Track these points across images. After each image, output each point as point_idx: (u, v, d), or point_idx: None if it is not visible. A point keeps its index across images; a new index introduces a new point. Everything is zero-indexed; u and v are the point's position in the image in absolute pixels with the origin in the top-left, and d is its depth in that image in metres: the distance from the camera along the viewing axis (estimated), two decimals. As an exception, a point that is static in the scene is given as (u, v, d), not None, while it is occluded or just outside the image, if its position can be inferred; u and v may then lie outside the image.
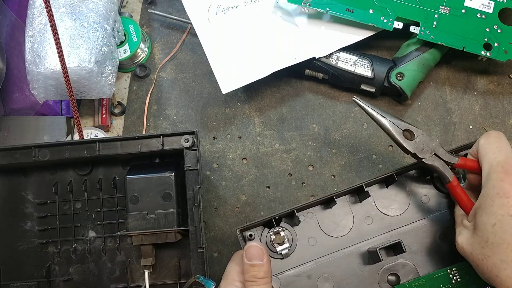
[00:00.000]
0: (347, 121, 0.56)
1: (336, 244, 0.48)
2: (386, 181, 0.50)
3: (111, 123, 0.58)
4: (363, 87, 0.54)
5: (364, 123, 0.56)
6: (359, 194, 0.49)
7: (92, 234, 0.50)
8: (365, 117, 0.56)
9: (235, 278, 0.43)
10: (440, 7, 0.51)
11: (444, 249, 0.48)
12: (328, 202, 0.49)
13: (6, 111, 0.57)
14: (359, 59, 0.53)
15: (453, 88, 0.56)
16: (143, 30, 0.60)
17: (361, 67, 0.53)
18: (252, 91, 0.58)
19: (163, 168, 0.47)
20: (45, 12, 0.47)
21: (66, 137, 0.56)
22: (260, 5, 0.55)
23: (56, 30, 0.47)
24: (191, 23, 0.56)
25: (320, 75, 0.55)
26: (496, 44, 0.50)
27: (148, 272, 0.47)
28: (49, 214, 0.50)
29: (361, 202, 0.49)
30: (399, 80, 0.52)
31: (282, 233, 0.47)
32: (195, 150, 0.46)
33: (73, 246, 0.50)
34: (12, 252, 0.49)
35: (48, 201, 0.50)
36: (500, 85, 0.56)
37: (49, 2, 0.46)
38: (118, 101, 0.58)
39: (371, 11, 0.52)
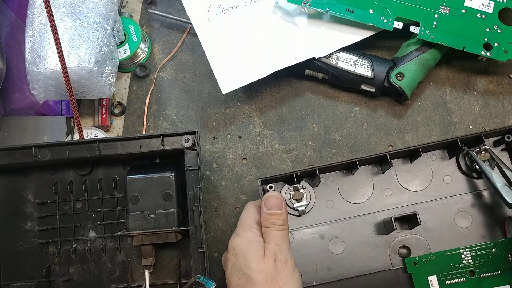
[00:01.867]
0: (347, 121, 0.56)
1: (353, 210, 0.49)
2: (410, 156, 0.50)
3: (111, 123, 0.58)
4: (363, 87, 0.54)
5: (364, 123, 0.56)
6: (382, 164, 0.50)
7: (92, 234, 0.50)
8: (365, 117, 0.56)
9: (252, 225, 0.44)
10: (440, 7, 0.51)
11: (460, 230, 0.48)
12: (350, 168, 0.50)
13: (6, 111, 0.57)
14: (359, 59, 0.53)
15: (453, 88, 0.56)
16: (143, 30, 0.60)
17: (361, 67, 0.53)
18: (252, 91, 0.58)
19: (163, 168, 0.47)
20: (45, 12, 0.47)
21: (66, 137, 0.56)
22: (260, 5, 0.55)
23: (56, 30, 0.47)
24: (191, 23, 0.56)
25: (320, 75, 0.55)
26: (496, 44, 0.50)
27: (148, 272, 0.47)
28: (49, 214, 0.50)
29: (383, 173, 0.50)
30: (399, 80, 0.52)
31: (301, 190, 0.48)
32: (196, 150, 0.46)
33: (73, 246, 0.50)
34: (12, 252, 0.49)
35: (48, 201, 0.50)
36: (500, 85, 0.56)
37: (49, 2, 0.46)
38: (118, 101, 0.58)
39: (371, 11, 0.52)
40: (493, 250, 0.45)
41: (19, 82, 0.57)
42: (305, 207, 0.48)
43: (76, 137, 0.54)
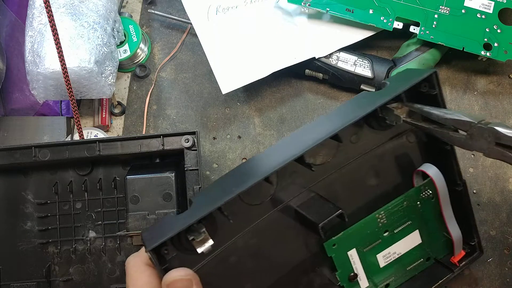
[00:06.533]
0: (347, 121, 0.56)
1: (259, 211, 0.41)
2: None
3: (111, 123, 0.58)
4: (363, 87, 0.54)
5: (364, 123, 0.56)
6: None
7: (92, 234, 0.50)
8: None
9: None
10: (440, 7, 0.51)
11: (373, 191, 0.43)
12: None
13: (6, 111, 0.57)
14: (359, 59, 0.53)
15: (453, 88, 0.56)
16: (143, 30, 0.60)
17: (361, 67, 0.53)
18: (252, 91, 0.58)
19: (163, 168, 0.47)
20: (45, 12, 0.47)
21: (66, 137, 0.56)
22: (260, 5, 0.55)
23: (56, 30, 0.47)
24: (191, 23, 0.56)
25: (320, 75, 0.55)
26: (496, 44, 0.50)
27: (148, 272, 0.47)
28: (49, 214, 0.50)
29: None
30: (399, 80, 0.53)
31: (202, 231, 0.37)
32: (196, 150, 0.46)
33: (73, 246, 0.50)
34: (12, 252, 0.49)
35: (48, 201, 0.50)
36: (500, 85, 0.56)
37: (49, 2, 0.46)
38: (118, 101, 0.58)
39: (371, 11, 0.52)
40: (405, 203, 0.43)
41: (19, 82, 0.57)
42: (211, 246, 0.37)
43: (76, 137, 0.54)
